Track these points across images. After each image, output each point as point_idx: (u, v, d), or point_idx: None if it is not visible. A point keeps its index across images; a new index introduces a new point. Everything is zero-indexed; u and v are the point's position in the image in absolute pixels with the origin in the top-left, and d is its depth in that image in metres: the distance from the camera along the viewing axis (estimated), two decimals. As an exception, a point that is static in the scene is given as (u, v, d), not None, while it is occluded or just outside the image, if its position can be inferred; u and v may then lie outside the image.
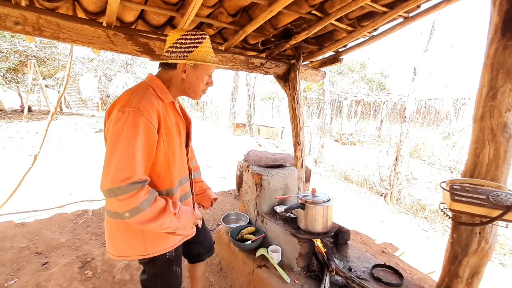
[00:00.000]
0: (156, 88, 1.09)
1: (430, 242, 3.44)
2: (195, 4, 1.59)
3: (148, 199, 0.98)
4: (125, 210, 0.95)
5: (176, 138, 1.14)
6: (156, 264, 1.20)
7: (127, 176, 0.93)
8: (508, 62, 1.42)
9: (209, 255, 1.60)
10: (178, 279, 1.30)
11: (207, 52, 1.12)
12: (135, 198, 0.94)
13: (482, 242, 1.52)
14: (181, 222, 1.08)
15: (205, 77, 1.17)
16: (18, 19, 1.57)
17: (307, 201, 1.82)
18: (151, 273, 1.23)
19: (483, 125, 1.51)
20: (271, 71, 2.72)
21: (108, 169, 0.94)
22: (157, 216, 1.00)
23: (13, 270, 2.21)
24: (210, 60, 1.12)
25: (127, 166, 0.94)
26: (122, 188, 0.92)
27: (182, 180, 1.23)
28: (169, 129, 1.09)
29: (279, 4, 1.68)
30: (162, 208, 1.01)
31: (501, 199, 1.31)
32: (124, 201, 0.93)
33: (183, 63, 1.10)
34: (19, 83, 10.55)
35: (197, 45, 1.10)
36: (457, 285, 1.61)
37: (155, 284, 1.24)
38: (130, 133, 0.95)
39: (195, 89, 1.18)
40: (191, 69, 1.13)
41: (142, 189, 0.96)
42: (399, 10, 1.93)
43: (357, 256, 2.06)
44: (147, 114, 0.99)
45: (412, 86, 4.61)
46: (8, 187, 3.47)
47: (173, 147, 1.12)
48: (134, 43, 1.89)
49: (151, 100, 1.03)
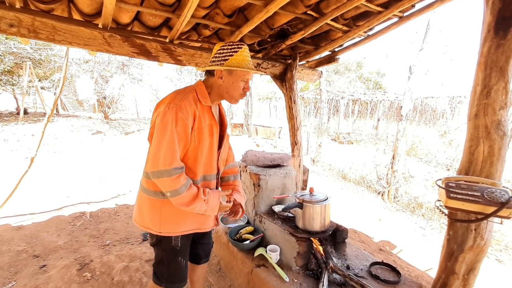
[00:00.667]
0: (199, 92, 1.27)
1: (427, 239, 3.46)
2: (191, 5, 1.59)
3: (185, 184, 1.17)
4: (167, 190, 1.15)
5: (207, 138, 1.29)
6: (162, 248, 1.35)
7: (171, 161, 1.14)
8: (501, 60, 1.44)
9: (205, 261, 1.65)
10: (183, 270, 1.40)
11: (242, 60, 1.24)
12: (176, 181, 1.14)
13: (477, 238, 1.54)
14: (209, 206, 1.25)
15: (240, 82, 1.28)
16: (13, 21, 1.56)
17: (305, 200, 1.84)
18: (158, 258, 1.39)
19: (477, 123, 1.53)
20: (267, 71, 2.73)
21: (158, 154, 1.14)
22: (191, 201, 1.18)
23: (10, 274, 2.20)
24: (244, 66, 1.23)
25: (172, 153, 1.14)
26: (169, 171, 1.13)
27: (206, 176, 1.35)
28: (201, 129, 1.25)
29: (275, 4, 1.68)
30: (195, 195, 1.19)
31: (496, 196, 1.32)
32: (170, 182, 1.13)
33: (218, 69, 1.25)
34: (15, 85, 10.45)
35: (233, 54, 1.23)
36: (453, 282, 1.63)
37: (162, 271, 1.38)
38: (173, 126, 1.15)
39: (231, 94, 1.30)
40: (227, 75, 1.26)
41: (182, 174, 1.17)
42: (394, 10, 1.94)
43: (355, 254, 2.07)
44: (185, 111, 1.17)
45: (408, 85, 4.64)
46: (4, 190, 3.45)
47: (203, 145, 1.27)
48: (130, 45, 1.89)
49: (190, 101, 1.21)
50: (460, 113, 10.60)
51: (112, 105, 11.58)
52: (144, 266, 2.31)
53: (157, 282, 1.39)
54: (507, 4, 1.40)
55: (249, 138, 11.22)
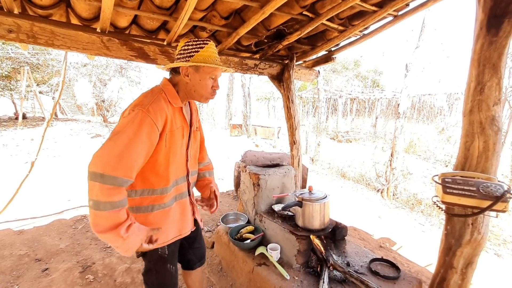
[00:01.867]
0: (167, 93, 1.18)
1: (427, 235, 3.49)
2: (188, 8, 1.61)
3: (114, 204, 0.96)
4: (91, 197, 0.96)
5: (178, 140, 1.22)
6: (149, 259, 1.29)
7: (113, 168, 0.96)
8: (494, 57, 1.46)
9: (200, 265, 1.59)
10: (173, 277, 1.35)
11: (209, 56, 1.17)
12: (107, 193, 0.95)
13: (474, 232, 1.56)
14: (125, 244, 1.00)
15: (208, 80, 1.20)
16: (12, 27, 1.58)
17: (304, 199, 1.86)
18: (146, 268, 1.32)
19: (472, 119, 1.55)
20: (265, 71, 2.75)
21: (102, 154, 0.98)
22: (106, 229, 0.96)
23: (12, 278, 2.21)
24: (211, 63, 1.16)
25: (118, 159, 0.97)
26: (105, 177, 0.94)
27: (178, 180, 1.28)
28: (173, 132, 1.17)
29: (271, 6, 1.70)
30: (115, 224, 0.97)
31: (491, 190, 1.35)
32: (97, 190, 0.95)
33: (184, 65, 1.16)
34: (13, 90, 10.45)
35: (199, 50, 1.16)
36: (452, 276, 1.65)
37: (151, 280, 1.32)
38: (133, 130, 1.01)
39: (200, 92, 1.22)
40: (193, 72, 1.18)
41: (118, 188, 0.97)
42: (389, 9, 1.97)
43: (355, 251, 2.09)
44: (154, 116, 1.06)
45: (405, 83, 4.68)
46: (5, 194, 3.46)
47: (175, 149, 1.20)
48: (129, 48, 1.91)
49: (161, 104, 1.11)
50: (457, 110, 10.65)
51: (110, 108, 11.58)
52: (146, 267, 2.32)
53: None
54: (498, 2, 1.42)
55: (248, 138, 11.24)
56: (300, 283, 1.73)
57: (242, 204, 2.52)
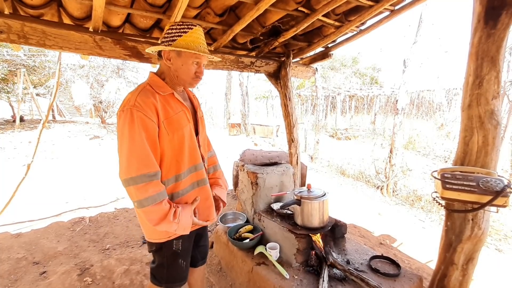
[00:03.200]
0: (152, 84, 1.17)
1: (427, 231, 3.48)
2: (181, 6, 1.59)
3: (154, 197, 1.06)
4: (133, 199, 1.07)
5: (185, 126, 1.20)
6: (163, 255, 1.29)
7: (136, 168, 1.05)
8: (492, 50, 1.44)
9: (202, 264, 1.60)
10: (183, 271, 1.36)
11: (192, 41, 1.13)
12: (142, 191, 1.04)
13: (475, 228, 1.55)
14: (180, 226, 1.14)
15: (191, 65, 1.16)
16: (2, 28, 1.55)
17: (303, 197, 1.84)
18: (158, 263, 1.33)
19: (471, 113, 1.53)
20: (261, 69, 2.73)
21: (121, 162, 1.07)
22: (158, 220, 1.08)
23: (10, 282, 2.19)
24: (193, 48, 1.12)
25: (135, 159, 1.05)
26: (134, 179, 1.04)
27: (196, 166, 1.28)
28: (171, 118, 1.15)
29: (266, 2, 1.68)
30: (163, 215, 1.08)
31: (491, 185, 1.33)
32: (135, 191, 1.05)
33: (165, 49, 1.14)
34: (9, 93, 10.38)
35: (182, 34, 1.12)
36: (452, 272, 1.64)
37: (161, 274, 1.33)
38: (131, 129, 1.05)
39: (182, 77, 1.19)
40: (176, 56, 1.15)
41: (151, 183, 1.06)
42: (385, 3, 1.95)
43: (355, 249, 2.08)
44: (143, 109, 1.07)
45: (403, 78, 4.66)
46: (2, 198, 3.43)
47: (181, 134, 1.18)
48: (122, 47, 1.88)
49: (146, 96, 1.10)
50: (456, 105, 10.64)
51: (108, 109, 11.54)
52: (144, 268, 2.30)
53: (155, 283, 1.36)
54: (496, -6, 1.40)
55: (247, 137, 11.21)
56: (300, 282, 1.71)
57: (241, 203, 2.50)
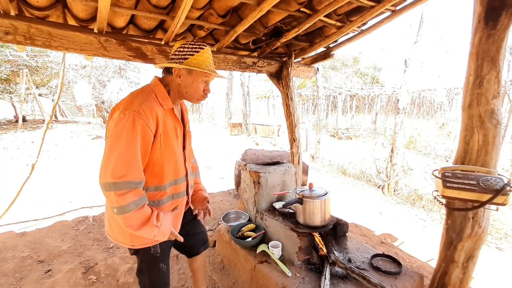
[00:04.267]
0: (158, 94, 1.18)
1: (428, 230, 3.49)
2: (185, 7, 1.61)
3: (136, 202, 1.05)
4: (114, 205, 1.03)
5: (174, 141, 1.23)
6: (141, 259, 1.30)
7: (123, 174, 1.02)
8: (492, 50, 1.46)
9: (204, 249, 1.64)
10: (165, 276, 1.36)
11: (203, 60, 1.19)
12: (125, 197, 1.02)
13: (475, 226, 1.56)
14: (160, 231, 1.13)
15: (200, 83, 1.22)
16: (8, 29, 1.58)
17: (305, 196, 1.86)
18: (138, 268, 1.34)
19: (471, 113, 1.55)
20: (263, 69, 2.75)
21: (108, 164, 1.03)
22: (140, 225, 1.06)
23: (15, 280, 2.22)
24: (204, 68, 1.17)
25: (125, 165, 1.03)
26: (118, 185, 1.02)
27: (177, 180, 1.29)
28: (167, 132, 1.19)
29: (268, 3, 1.70)
30: (146, 218, 1.07)
31: (491, 184, 1.35)
32: (116, 197, 1.02)
33: (177, 67, 1.17)
34: (12, 93, 10.45)
35: (194, 54, 1.18)
36: (453, 270, 1.66)
37: (144, 281, 1.33)
38: (129, 134, 1.04)
39: (191, 94, 1.23)
40: (186, 74, 1.19)
41: (134, 190, 1.05)
42: (386, 4, 1.96)
43: (356, 248, 2.10)
44: (146, 117, 1.08)
45: (404, 78, 4.67)
46: (6, 197, 3.47)
47: (170, 149, 1.21)
48: (126, 48, 1.90)
49: (151, 105, 1.11)
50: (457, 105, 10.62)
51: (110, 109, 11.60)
52: (148, 267, 2.33)
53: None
54: (496, -5, 1.41)
55: (248, 137, 11.24)
56: (302, 280, 1.73)
57: (243, 202, 2.52)
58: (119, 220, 1.06)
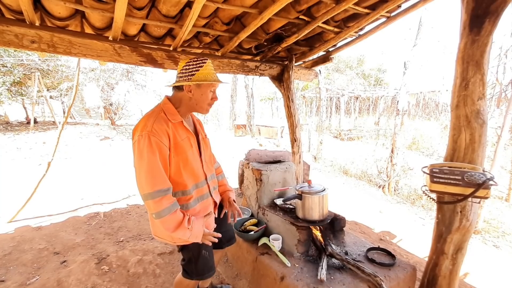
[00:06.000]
0: (166, 112, 1.35)
1: (427, 229, 3.56)
2: (192, 16, 1.76)
3: (169, 208, 1.25)
4: (152, 212, 1.24)
5: (188, 150, 1.38)
6: (188, 250, 1.47)
7: (153, 185, 1.22)
8: (477, 54, 1.57)
9: (229, 245, 1.81)
10: (209, 262, 1.53)
11: (208, 73, 1.34)
12: (159, 204, 1.22)
13: (463, 220, 1.67)
14: (193, 234, 1.32)
15: (209, 93, 1.38)
16: (34, 38, 1.74)
17: (304, 192, 1.97)
18: (187, 259, 1.51)
19: (458, 113, 1.66)
20: (265, 72, 2.88)
21: (140, 179, 1.24)
22: (175, 227, 1.26)
23: (34, 269, 2.38)
24: (210, 79, 1.33)
25: (152, 177, 1.23)
26: (152, 194, 1.22)
27: (198, 184, 1.46)
28: (178, 144, 1.34)
29: (269, 12, 1.84)
30: (179, 222, 1.27)
31: (474, 179, 1.46)
32: (153, 204, 1.22)
33: (188, 84, 1.33)
34: (24, 95, 10.81)
35: (199, 69, 1.33)
36: (443, 261, 1.76)
37: (191, 268, 1.50)
38: (149, 151, 1.23)
39: (201, 105, 1.40)
40: (196, 88, 1.35)
41: (165, 197, 1.24)
42: (381, 11, 2.08)
43: (353, 242, 2.20)
44: (158, 135, 1.25)
45: (404, 80, 4.76)
46: (22, 195, 3.66)
47: (185, 157, 1.36)
48: (138, 54, 2.06)
49: (161, 123, 1.29)
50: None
51: (118, 111, 11.87)
52: (156, 259, 2.47)
53: (187, 277, 1.52)
54: (480, 3, 1.53)
55: (252, 138, 11.37)
56: (301, 270, 1.84)
57: (246, 199, 2.65)
58: (158, 224, 1.27)
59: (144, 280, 2.23)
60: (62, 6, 1.70)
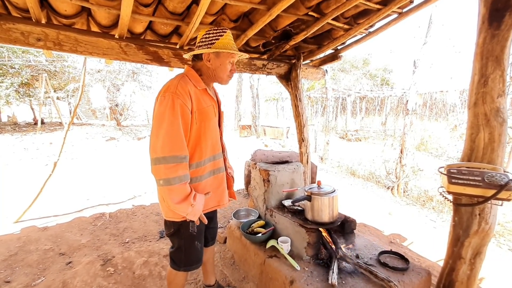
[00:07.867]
0: (191, 77, 1.33)
1: (438, 231, 3.47)
2: (200, 13, 1.72)
3: (181, 177, 1.20)
4: (162, 177, 1.18)
5: (212, 118, 1.37)
6: (181, 236, 1.41)
7: (170, 149, 1.17)
8: (497, 50, 1.50)
9: (212, 244, 1.79)
10: (199, 252, 1.50)
11: (227, 43, 1.31)
12: (172, 170, 1.16)
13: (482, 223, 1.59)
14: (193, 211, 1.27)
15: (227, 64, 1.35)
16: (40, 36, 1.73)
17: (313, 193, 1.91)
18: (176, 246, 1.45)
19: (477, 111, 1.59)
20: (273, 71, 2.83)
21: (156, 141, 1.18)
22: (180, 201, 1.21)
23: (39, 270, 2.37)
24: (230, 49, 1.31)
25: (170, 141, 1.17)
26: (166, 159, 1.16)
27: (215, 156, 1.43)
28: (203, 109, 1.31)
29: (277, 8, 1.79)
30: (185, 196, 1.22)
31: (496, 180, 1.38)
32: (165, 170, 1.16)
33: (207, 52, 1.30)
34: (32, 96, 10.95)
35: (219, 38, 1.30)
36: (460, 266, 1.68)
37: (179, 257, 1.46)
38: (171, 113, 1.18)
39: (220, 75, 1.37)
40: (214, 57, 1.33)
41: (181, 164, 1.19)
42: (393, 7, 2.02)
43: (364, 245, 2.14)
44: (182, 97, 1.21)
45: (413, 79, 4.66)
46: (28, 195, 3.67)
47: (207, 125, 1.34)
48: (144, 52, 2.03)
49: (185, 86, 1.25)
50: (471, 106, 10.35)
51: (124, 112, 11.94)
52: (162, 260, 2.43)
53: (175, 267, 1.48)
54: (500, -4, 1.45)
55: (258, 139, 11.33)
56: (310, 274, 1.79)
57: (253, 200, 2.60)
58: (163, 193, 1.20)
59: (150, 282, 2.19)
60: (68, 4, 1.68)
